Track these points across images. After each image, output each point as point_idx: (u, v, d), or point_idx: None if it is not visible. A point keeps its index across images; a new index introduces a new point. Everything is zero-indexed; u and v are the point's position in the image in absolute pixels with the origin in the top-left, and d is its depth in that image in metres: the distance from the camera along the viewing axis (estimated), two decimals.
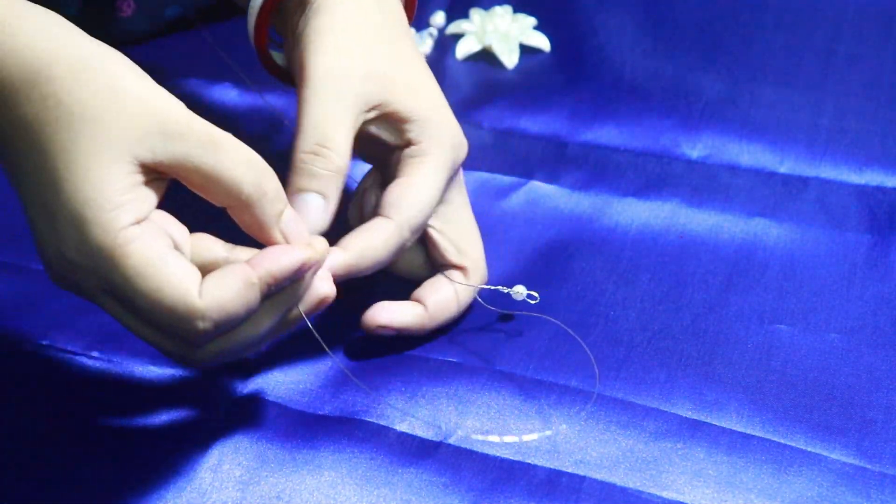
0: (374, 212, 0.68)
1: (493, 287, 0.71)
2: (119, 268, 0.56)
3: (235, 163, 0.58)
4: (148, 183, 0.58)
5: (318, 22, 0.68)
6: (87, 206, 0.56)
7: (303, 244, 0.61)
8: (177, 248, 0.59)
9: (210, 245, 0.61)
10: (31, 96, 0.57)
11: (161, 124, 0.57)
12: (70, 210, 0.56)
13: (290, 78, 0.74)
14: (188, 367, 0.62)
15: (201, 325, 0.57)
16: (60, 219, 0.56)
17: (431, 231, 0.70)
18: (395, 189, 0.68)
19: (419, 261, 0.71)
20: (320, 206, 0.65)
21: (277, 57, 0.74)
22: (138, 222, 0.57)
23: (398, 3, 0.72)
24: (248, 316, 0.59)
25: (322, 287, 0.63)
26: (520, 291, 0.71)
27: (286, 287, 0.60)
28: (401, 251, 0.68)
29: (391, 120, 0.68)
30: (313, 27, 0.68)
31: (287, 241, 0.61)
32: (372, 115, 0.68)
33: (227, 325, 0.58)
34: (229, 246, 0.61)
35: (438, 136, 0.68)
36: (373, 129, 0.68)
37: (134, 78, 0.58)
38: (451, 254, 0.70)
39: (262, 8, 0.71)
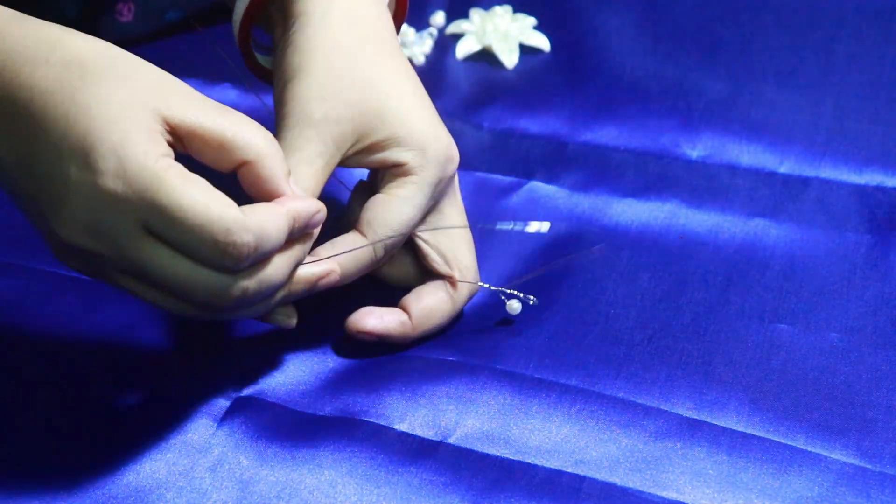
0: (353, 224, 0.69)
1: (490, 287, 0.71)
2: (165, 187, 0.58)
3: (247, 124, 0.62)
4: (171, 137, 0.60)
5: (291, 59, 0.69)
6: (126, 137, 0.58)
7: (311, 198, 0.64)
8: None
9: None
10: (50, 60, 0.59)
11: (180, 87, 0.61)
12: (108, 144, 0.57)
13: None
14: (213, 318, 0.63)
15: (246, 237, 0.59)
16: (95, 157, 0.58)
17: (420, 242, 0.70)
18: (373, 205, 0.68)
19: (413, 270, 0.71)
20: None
21: (263, 61, 0.74)
22: (170, 156, 0.59)
23: (378, 9, 0.71)
24: (278, 245, 0.61)
25: (319, 267, 0.66)
26: (514, 307, 0.71)
27: (297, 239, 0.63)
28: (373, 265, 0.69)
29: (375, 149, 0.68)
30: (288, 65, 0.69)
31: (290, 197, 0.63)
32: (355, 149, 0.68)
33: (264, 251, 0.60)
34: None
35: (423, 156, 0.68)
36: (357, 159, 0.69)
37: (143, 63, 0.61)
38: (438, 264, 0.70)
39: (244, 16, 0.71)
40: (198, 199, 0.58)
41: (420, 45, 0.93)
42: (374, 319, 0.69)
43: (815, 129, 0.87)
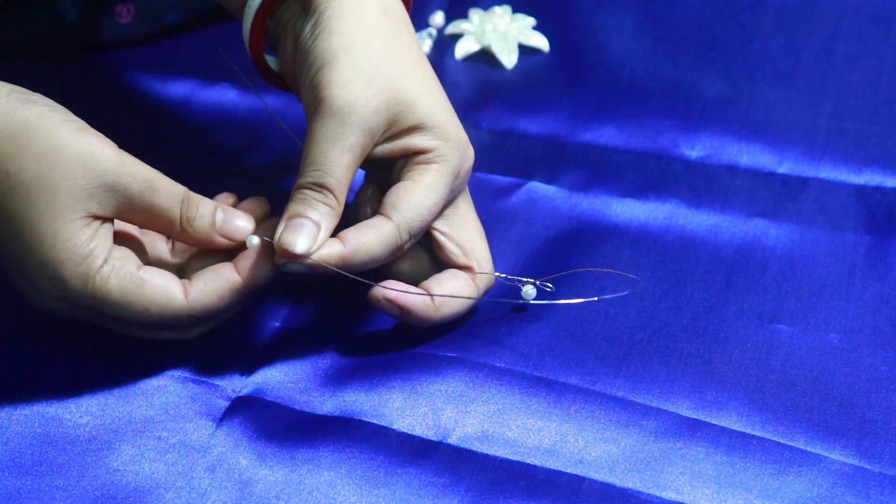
0: (376, 211, 0.69)
1: (507, 277, 0.71)
2: (106, 305, 0.65)
3: (170, 200, 0.66)
4: (102, 222, 0.65)
5: (328, 43, 0.68)
6: (62, 267, 0.64)
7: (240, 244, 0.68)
8: (144, 262, 0.67)
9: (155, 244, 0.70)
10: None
11: (102, 178, 0.64)
12: (48, 271, 0.64)
13: (283, 83, 0.74)
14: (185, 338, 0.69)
15: (188, 320, 0.67)
16: (40, 278, 0.64)
17: (438, 234, 0.70)
18: (397, 191, 0.68)
19: (426, 265, 0.71)
20: (312, 232, 0.66)
21: (272, 62, 0.74)
22: (107, 260, 0.64)
23: (402, 6, 0.72)
24: (225, 311, 0.68)
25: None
26: (529, 292, 0.71)
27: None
28: (397, 252, 0.68)
29: (401, 136, 0.69)
30: (324, 48, 0.68)
31: (229, 241, 0.68)
32: (384, 136, 0.69)
33: (209, 319, 0.68)
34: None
35: (446, 144, 0.69)
36: (383, 149, 0.69)
37: (69, 134, 0.64)
38: (457, 256, 0.70)
39: (259, 11, 0.71)
40: (138, 308, 0.65)
41: (419, 45, 0.93)
42: (399, 290, 0.69)
43: (814, 130, 0.87)
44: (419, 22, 0.95)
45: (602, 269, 0.73)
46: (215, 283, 0.66)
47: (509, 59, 0.93)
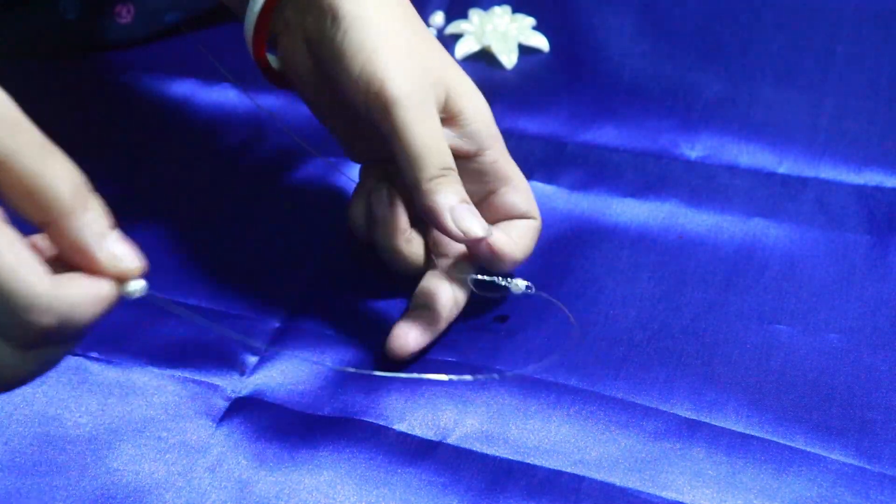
0: (504, 217, 0.72)
1: (489, 279, 0.71)
2: None
3: (62, 173, 0.50)
4: None
5: (364, 34, 0.68)
6: None
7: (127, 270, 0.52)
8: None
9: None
10: None
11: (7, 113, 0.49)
12: None
13: (284, 82, 0.74)
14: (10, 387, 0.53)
15: (46, 320, 0.49)
16: None
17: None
18: (521, 195, 0.72)
19: (418, 253, 0.71)
20: (476, 212, 0.68)
21: (272, 60, 0.74)
22: None
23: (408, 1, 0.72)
24: (86, 327, 0.51)
25: None
26: (518, 284, 0.71)
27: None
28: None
29: (450, 124, 0.70)
30: (363, 39, 0.68)
31: (115, 262, 0.51)
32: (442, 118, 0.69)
33: (66, 333, 0.50)
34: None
35: (495, 134, 0.71)
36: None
37: None
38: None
39: (262, 11, 0.71)
40: (2, 261, 0.48)
41: None
42: (416, 339, 0.69)
43: (814, 130, 0.87)
44: None
45: (555, 301, 0.73)
46: (94, 287, 0.50)
47: (509, 59, 0.93)
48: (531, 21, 0.95)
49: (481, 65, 0.93)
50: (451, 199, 0.67)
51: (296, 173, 0.83)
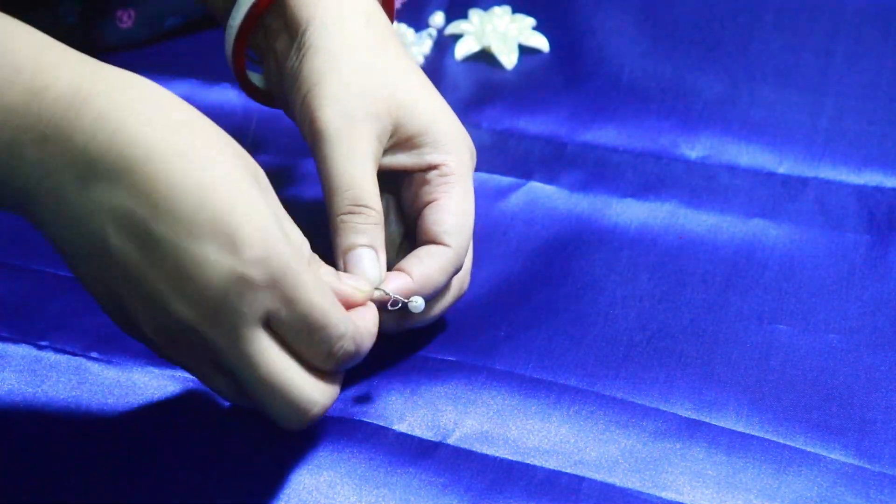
0: (423, 238, 0.68)
1: (392, 296, 0.67)
2: (303, 282, 0.57)
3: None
4: None
5: (313, 63, 0.68)
6: (268, 222, 0.57)
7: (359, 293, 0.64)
8: None
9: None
10: (166, 119, 0.56)
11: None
12: (252, 226, 0.55)
13: (268, 99, 0.74)
14: (295, 426, 0.61)
15: (349, 347, 0.60)
16: (239, 239, 0.55)
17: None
18: (442, 215, 0.68)
19: (398, 234, 0.72)
20: (374, 258, 0.66)
21: (255, 78, 0.74)
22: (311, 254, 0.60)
23: (383, 14, 0.72)
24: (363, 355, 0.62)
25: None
26: (417, 302, 0.67)
27: None
28: (455, 273, 0.69)
29: (406, 147, 0.69)
30: (310, 69, 0.68)
31: (358, 293, 0.63)
32: (390, 144, 0.69)
33: (355, 361, 0.61)
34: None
35: (455, 150, 0.69)
36: (392, 161, 0.69)
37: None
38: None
39: (240, 31, 0.71)
40: (326, 299, 0.58)
41: (419, 45, 0.93)
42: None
43: (814, 130, 0.87)
44: (419, 22, 0.95)
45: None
46: (368, 314, 0.63)
47: (509, 59, 0.93)
48: (531, 21, 0.95)
49: (481, 65, 0.93)
50: (349, 241, 0.66)
51: (296, 173, 0.83)
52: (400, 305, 0.66)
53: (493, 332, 0.72)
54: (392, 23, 0.75)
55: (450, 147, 0.69)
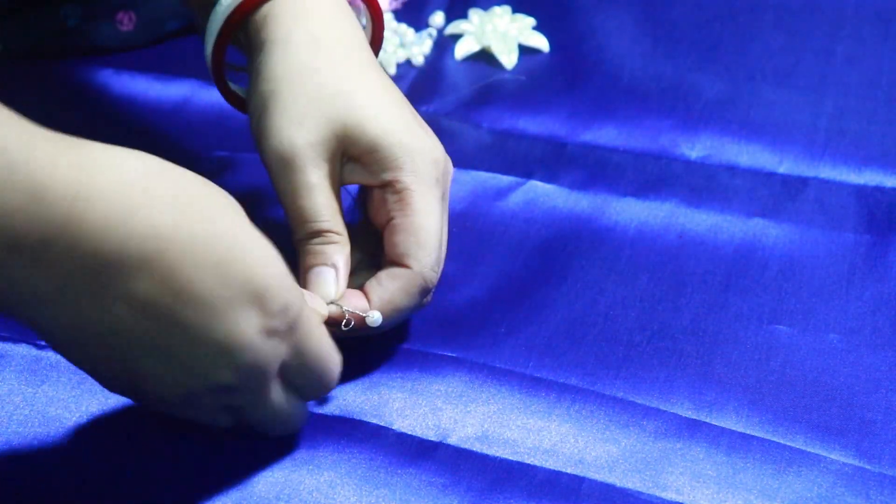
0: (386, 259, 0.68)
1: (347, 315, 0.67)
2: (314, 331, 0.61)
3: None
4: None
5: (260, 90, 0.68)
6: (283, 274, 0.59)
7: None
8: None
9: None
10: (152, 271, 0.54)
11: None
12: (275, 282, 0.57)
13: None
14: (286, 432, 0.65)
15: (334, 385, 0.64)
16: (267, 297, 0.57)
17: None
18: (400, 236, 0.67)
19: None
20: (332, 277, 0.67)
21: (238, 90, 0.74)
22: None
23: (343, 20, 0.71)
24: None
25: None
26: (375, 317, 0.67)
27: None
28: (425, 295, 0.68)
29: (361, 164, 0.68)
30: (257, 97, 0.68)
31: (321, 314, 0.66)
32: (346, 161, 0.68)
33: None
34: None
35: (410, 164, 0.67)
36: (351, 176, 0.69)
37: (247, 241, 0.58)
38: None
39: (215, 48, 0.72)
40: (331, 346, 0.62)
41: (419, 45, 0.93)
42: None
43: (814, 129, 0.87)
44: (419, 22, 0.95)
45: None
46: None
47: (509, 59, 0.93)
48: (531, 21, 0.95)
49: (481, 65, 0.93)
50: (309, 261, 0.67)
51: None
52: (352, 325, 0.67)
53: (493, 329, 0.72)
54: (382, 29, 0.75)
55: (401, 162, 0.67)
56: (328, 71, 0.68)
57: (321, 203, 0.67)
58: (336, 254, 0.67)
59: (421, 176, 0.67)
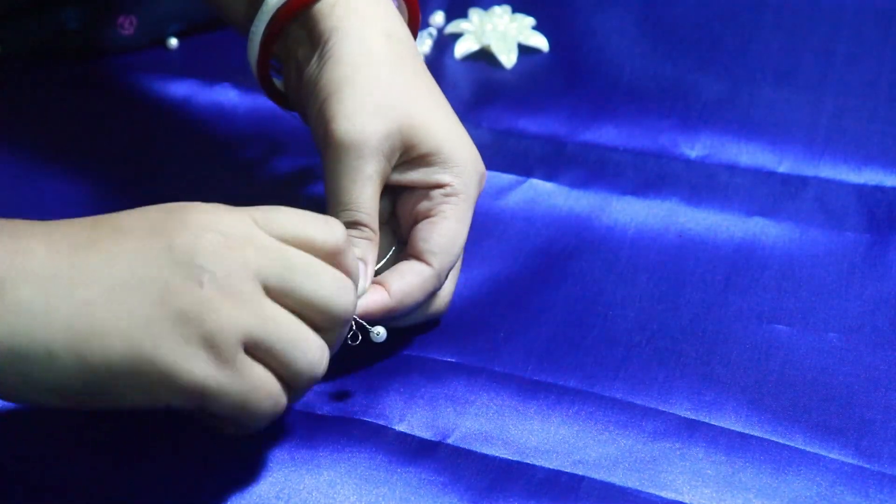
0: (409, 251, 0.69)
1: (355, 322, 0.67)
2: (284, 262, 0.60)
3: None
4: None
5: (333, 73, 0.69)
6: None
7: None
8: None
9: None
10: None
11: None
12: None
13: (286, 102, 0.75)
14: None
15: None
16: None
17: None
18: (433, 235, 0.68)
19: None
20: (361, 271, 0.67)
21: (277, 83, 0.74)
22: None
23: (405, 28, 0.72)
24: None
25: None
26: (379, 332, 0.67)
27: None
28: (433, 295, 0.69)
29: (419, 164, 0.69)
30: (329, 79, 0.69)
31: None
32: (400, 162, 0.69)
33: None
34: None
35: (464, 173, 0.69)
36: (403, 177, 0.69)
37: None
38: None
39: (265, 38, 0.72)
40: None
41: (419, 44, 0.94)
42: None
43: (813, 129, 0.87)
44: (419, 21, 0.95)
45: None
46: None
47: (509, 58, 0.93)
48: (531, 21, 0.95)
49: (481, 64, 0.93)
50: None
51: (296, 174, 0.83)
52: (354, 333, 0.67)
53: (492, 333, 0.72)
54: (417, 30, 0.75)
55: (459, 169, 0.69)
56: (399, 69, 0.69)
57: (368, 195, 0.67)
58: (367, 249, 0.68)
59: (468, 185, 0.69)
